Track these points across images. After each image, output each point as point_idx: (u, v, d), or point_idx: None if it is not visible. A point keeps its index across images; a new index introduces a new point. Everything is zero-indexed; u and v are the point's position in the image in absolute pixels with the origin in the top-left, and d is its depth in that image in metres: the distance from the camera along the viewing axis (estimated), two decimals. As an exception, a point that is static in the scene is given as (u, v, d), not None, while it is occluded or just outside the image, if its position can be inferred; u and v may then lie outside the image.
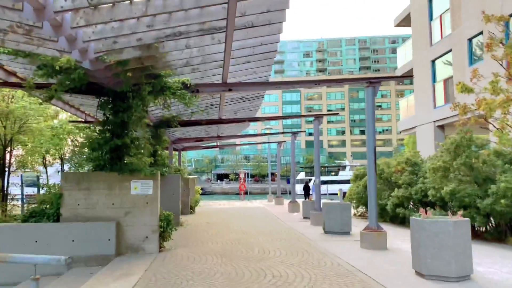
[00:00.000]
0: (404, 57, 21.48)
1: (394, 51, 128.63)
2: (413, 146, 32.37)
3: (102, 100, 9.32)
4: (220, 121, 15.99)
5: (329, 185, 65.90)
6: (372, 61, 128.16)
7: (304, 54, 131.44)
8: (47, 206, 8.98)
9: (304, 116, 28.91)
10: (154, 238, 9.09)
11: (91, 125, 9.21)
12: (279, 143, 27.70)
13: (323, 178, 75.49)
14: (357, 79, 10.61)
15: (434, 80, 19.18)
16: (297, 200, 22.02)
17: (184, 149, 27.95)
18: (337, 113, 18.40)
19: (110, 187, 9.01)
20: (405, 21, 22.54)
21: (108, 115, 9.35)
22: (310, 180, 71.46)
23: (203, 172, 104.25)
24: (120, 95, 9.11)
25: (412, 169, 14.84)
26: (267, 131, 30.88)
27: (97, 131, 9.27)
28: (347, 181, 63.33)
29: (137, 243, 9.00)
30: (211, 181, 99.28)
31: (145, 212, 9.08)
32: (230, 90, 10.01)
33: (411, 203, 14.53)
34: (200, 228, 14.17)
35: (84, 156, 9.13)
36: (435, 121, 18.85)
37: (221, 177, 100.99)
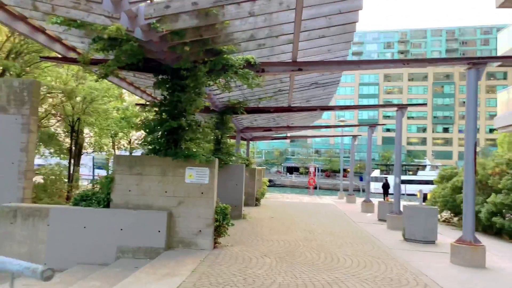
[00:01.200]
0: (508, 41, 18.45)
1: (486, 42, 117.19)
2: (509, 147, 28.48)
3: (160, 79, 8.52)
4: (289, 109, 14.73)
5: (407, 185, 62.03)
6: (460, 54, 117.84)
7: (385, 45, 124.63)
8: (99, 190, 8.43)
9: (383, 106, 26.63)
10: (208, 232, 8.14)
11: (148, 106, 8.46)
12: (354, 136, 25.74)
13: (402, 177, 71.26)
14: (456, 58, 8.74)
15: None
16: (371, 199, 20.11)
17: (253, 139, 27.13)
18: (424, 104, 16.15)
19: (164, 174, 8.22)
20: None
21: (165, 95, 8.55)
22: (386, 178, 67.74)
23: (273, 164, 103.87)
24: (178, 73, 8.24)
25: (516, 172, 12.42)
26: (341, 123, 28.98)
27: (154, 112, 8.51)
28: (426, 182, 59.06)
29: (189, 237, 8.12)
30: (281, 173, 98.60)
31: (200, 203, 8.17)
32: (300, 70, 8.70)
33: (513, 212, 12.18)
34: (263, 223, 13.12)
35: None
36: (544, 117, 15.87)
37: (291, 170, 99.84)
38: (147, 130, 8.30)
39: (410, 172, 75.27)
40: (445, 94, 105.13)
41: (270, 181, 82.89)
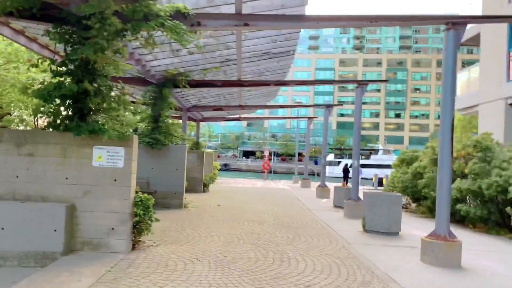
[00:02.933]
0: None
1: (437, 30, 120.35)
2: (463, 130, 28.36)
3: (58, 30, 6.41)
4: (239, 83, 12.93)
5: (361, 169, 62.57)
6: (413, 41, 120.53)
7: (341, 30, 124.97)
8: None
9: (343, 82, 25.35)
10: (123, 230, 6.28)
11: (39, 63, 6.31)
12: (310, 119, 24.46)
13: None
14: (432, 17, 7.31)
15: (510, 46, 15.34)
16: (326, 184, 18.92)
17: (204, 120, 25.14)
18: (386, 80, 14.91)
19: (64, 154, 6.22)
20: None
21: (67, 51, 6.47)
22: (339, 162, 67.99)
23: (229, 148, 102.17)
24: (83, 22, 6.18)
25: (483, 156, 11.41)
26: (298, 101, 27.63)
27: (51, 73, 6.41)
28: (379, 166, 59.71)
29: (98, 236, 6.22)
30: (237, 157, 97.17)
31: (112, 193, 6.26)
32: (246, 25, 6.91)
33: (479, 199, 11.18)
34: (206, 213, 11.39)
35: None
36: (507, 98, 15.12)
37: (247, 154, 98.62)
38: (42, 98, 6.21)
39: (363, 157, 76.39)
40: (398, 80, 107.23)
41: (225, 165, 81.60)
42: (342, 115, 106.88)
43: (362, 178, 49.45)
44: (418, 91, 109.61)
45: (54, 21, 6.58)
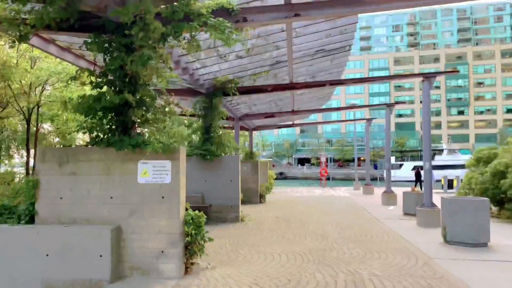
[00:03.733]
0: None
1: (499, 19, 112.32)
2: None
3: (97, 39, 5.98)
4: (291, 86, 12.11)
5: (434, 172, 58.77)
6: (473, 33, 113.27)
7: (393, 28, 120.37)
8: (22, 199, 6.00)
9: (406, 76, 23.66)
10: (174, 253, 5.65)
11: (79, 74, 5.90)
12: (368, 120, 23.02)
13: (418, 163, 68.23)
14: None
15: None
16: (392, 189, 17.45)
17: (256, 128, 24.57)
18: (455, 71, 13.21)
19: (107, 172, 5.74)
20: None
21: (106, 60, 6.04)
22: (401, 165, 64.56)
23: (283, 156, 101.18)
24: (122, 28, 5.72)
25: None
26: (353, 103, 26.29)
27: (90, 85, 5.99)
28: (444, 167, 55.82)
29: (147, 261, 5.64)
30: (292, 165, 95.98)
31: (160, 212, 5.67)
32: (297, 15, 6.11)
33: None
34: (263, 227, 10.61)
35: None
36: None
37: (302, 161, 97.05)
38: (82, 112, 5.78)
39: (426, 158, 72.10)
40: (459, 75, 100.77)
41: (280, 174, 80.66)
42: (400, 115, 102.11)
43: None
44: (482, 85, 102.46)
45: (93, 31, 6.19)
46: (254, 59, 10.12)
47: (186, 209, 6.04)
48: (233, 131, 19.15)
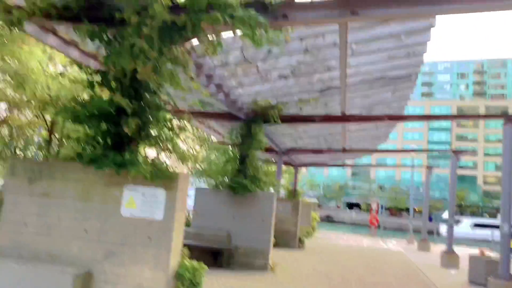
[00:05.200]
0: None
1: None
2: None
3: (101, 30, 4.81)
4: (344, 118, 10.46)
5: (484, 229, 53.29)
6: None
7: (458, 76, 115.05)
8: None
9: (479, 117, 21.01)
10: (156, 320, 4.08)
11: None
12: (429, 168, 20.57)
13: (479, 219, 62.24)
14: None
15: None
16: (454, 249, 14.82)
17: (302, 165, 22.84)
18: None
19: (86, 196, 4.38)
20: None
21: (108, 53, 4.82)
22: (458, 221, 59.05)
23: (331, 198, 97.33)
24: (117, 15, 4.51)
25: None
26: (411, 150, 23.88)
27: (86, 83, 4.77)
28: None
29: (119, 324, 4.12)
30: (340, 208, 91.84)
31: (144, 259, 4.17)
32: (354, 13, 4.62)
33: None
34: (296, 282, 8.77)
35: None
36: None
37: (351, 206, 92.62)
38: (70, 118, 4.54)
39: (487, 215, 66.11)
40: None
41: (327, 216, 77.13)
42: (461, 167, 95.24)
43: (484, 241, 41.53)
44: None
45: (99, 22, 5.06)
46: (301, 81, 8.67)
47: (182, 256, 4.50)
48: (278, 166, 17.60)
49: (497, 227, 41.82)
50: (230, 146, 11.04)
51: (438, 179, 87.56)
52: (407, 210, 62.09)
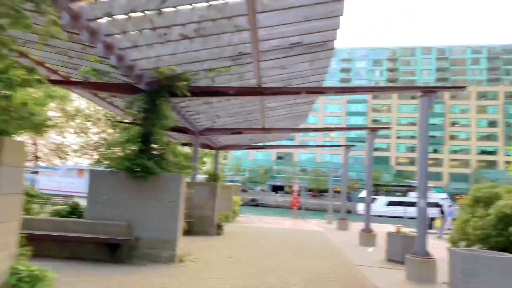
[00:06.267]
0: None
1: (476, 62, 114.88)
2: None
3: None
4: (259, 91, 9.55)
5: (397, 207, 57.00)
6: (450, 73, 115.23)
7: (373, 63, 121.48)
8: None
9: (402, 89, 21.74)
10: None
11: None
12: (347, 146, 20.69)
13: (393, 198, 66.48)
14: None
15: None
16: (372, 228, 14.87)
17: (224, 148, 21.84)
18: (463, 87, 10.73)
19: None
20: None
21: None
22: (374, 199, 62.55)
23: (257, 182, 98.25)
24: None
25: None
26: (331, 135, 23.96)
27: None
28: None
29: None
30: (266, 192, 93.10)
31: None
32: None
33: None
34: (207, 273, 7.75)
35: None
36: None
37: (276, 189, 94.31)
38: None
39: (399, 193, 70.92)
40: (435, 114, 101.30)
41: (253, 200, 77.58)
42: (375, 149, 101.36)
43: (395, 217, 44.20)
44: (457, 125, 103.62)
45: None
46: (209, 44, 7.51)
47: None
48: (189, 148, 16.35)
49: (408, 204, 44.84)
50: (131, 123, 9.60)
51: (355, 161, 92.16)
52: (327, 191, 64.33)
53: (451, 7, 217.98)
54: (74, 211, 9.74)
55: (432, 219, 24.24)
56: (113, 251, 8.21)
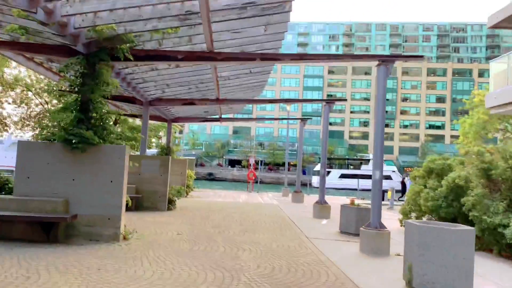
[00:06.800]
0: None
1: (427, 39, 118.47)
2: (475, 136, 24.70)
3: None
4: (210, 56, 8.85)
5: (350, 179, 58.67)
6: (403, 49, 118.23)
7: (330, 37, 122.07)
8: None
9: (360, 57, 21.57)
10: None
11: None
12: (302, 120, 20.47)
13: (346, 171, 68.35)
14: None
15: None
16: (326, 200, 14.84)
17: (177, 120, 20.93)
18: (421, 56, 10.50)
19: None
20: None
21: None
22: (329, 172, 63.97)
23: (214, 156, 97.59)
24: None
25: None
26: (288, 109, 23.75)
27: None
28: (370, 176, 56.14)
29: None
30: (222, 166, 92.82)
31: None
32: None
33: None
34: (151, 252, 7.20)
35: None
36: None
37: (233, 163, 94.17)
38: None
39: (352, 166, 73.04)
40: (387, 89, 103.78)
41: (210, 174, 77.11)
42: (330, 124, 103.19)
43: (350, 189, 45.53)
44: (407, 100, 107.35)
45: None
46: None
47: None
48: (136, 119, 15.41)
49: (361, 176, 45.93)
50: (69, 91, 8.64)
51: (310, 135, 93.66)
52: (284, 164, 64.94)
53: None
54: (4, 187, 8.78)
55: (384, 191, 24.91)
56: (48, 230, 7.43)
